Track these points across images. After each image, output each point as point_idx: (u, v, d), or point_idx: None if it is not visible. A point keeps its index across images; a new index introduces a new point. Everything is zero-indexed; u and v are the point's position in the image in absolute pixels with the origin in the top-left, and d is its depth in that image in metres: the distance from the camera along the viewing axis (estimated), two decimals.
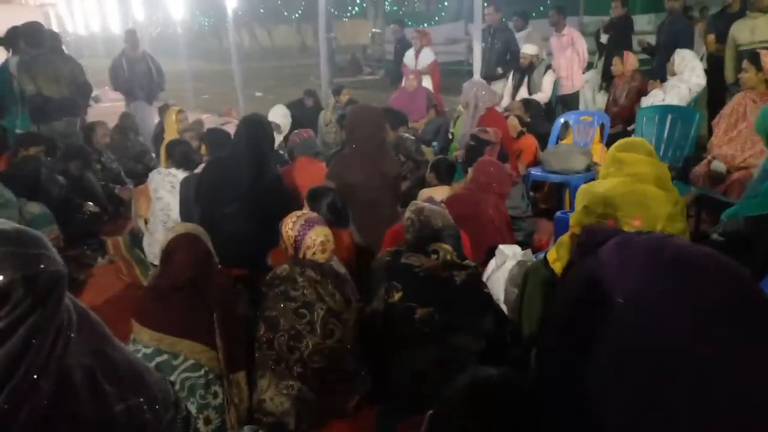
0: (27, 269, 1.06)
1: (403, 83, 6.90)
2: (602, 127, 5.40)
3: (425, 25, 14.83)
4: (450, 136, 6.09)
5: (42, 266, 1.08)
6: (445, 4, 16.74)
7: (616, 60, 5.86)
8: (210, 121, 7.02)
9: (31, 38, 5.37)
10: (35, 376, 1.05)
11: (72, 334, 1.14)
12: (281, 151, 5.28)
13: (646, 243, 1.30)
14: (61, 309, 1.12)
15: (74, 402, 1.12)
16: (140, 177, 5.03)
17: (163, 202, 3.90)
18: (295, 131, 4.69)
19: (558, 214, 3.95)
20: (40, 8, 15.56)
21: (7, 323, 1.03)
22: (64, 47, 6.27)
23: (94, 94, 7.14)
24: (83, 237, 4.36)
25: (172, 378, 2.18)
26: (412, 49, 7.55)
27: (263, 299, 2.52)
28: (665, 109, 5.05)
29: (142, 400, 1.24)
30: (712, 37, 5.96)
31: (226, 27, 9.64)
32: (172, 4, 11.85)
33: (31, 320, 1.06)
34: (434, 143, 6.05)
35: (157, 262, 2.84)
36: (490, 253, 3.12)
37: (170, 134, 5.49)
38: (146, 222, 4.04)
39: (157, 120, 6.70)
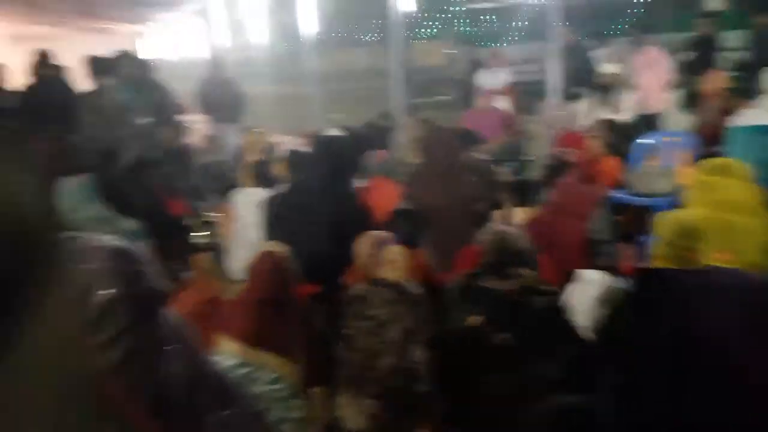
0: (129, 286, 1.12)
1: (476, 104, 6.90)
2: (689, 148, 5.18)
3: (499, 45, 14.76)
4: (526, 158, 6.02)
5: (143, 283, 1.14)
6: (519, 24, 16.61)
7: (701, 78, 5.64)
8: (290, 142, 7.22)
9: (91, 70, 5.57)
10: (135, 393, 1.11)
11: (169, 349, 1.19)
12: None
13: (747, 295, 1.22)
14: (161, 325, 1.18)
15: (167, 416, 1.17)
16: (223, 196, 5.23)
17: (244, 221, 4.04)
18: (371, 152, 4.77)
19: (641, 238, 3.82)
20: (130, 37, 16.55)
21: (108, 340, 1.10)
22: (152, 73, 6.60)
23: (181, 118, 7.52)
24: (181, 248, 4.55)
25: (255, 390, 2.24)
26: (485, 70, 7.53)
27: (340, 318, 2.56)
28: (756, 129, 4.78)
29: (231, 413, 1.28)
30: None
31: (305, 51, 9.92)
32: (254, 30, 12.38)
33: (131, 337, 1.12)
34: (509, 164, 5.98)
35: (237, 278, 2.94)
36: (570, 278, 3.04)
37: (251, 155, 5.70)
38: (229, 240, 4.19)
39: (239, 141, 6.97)
